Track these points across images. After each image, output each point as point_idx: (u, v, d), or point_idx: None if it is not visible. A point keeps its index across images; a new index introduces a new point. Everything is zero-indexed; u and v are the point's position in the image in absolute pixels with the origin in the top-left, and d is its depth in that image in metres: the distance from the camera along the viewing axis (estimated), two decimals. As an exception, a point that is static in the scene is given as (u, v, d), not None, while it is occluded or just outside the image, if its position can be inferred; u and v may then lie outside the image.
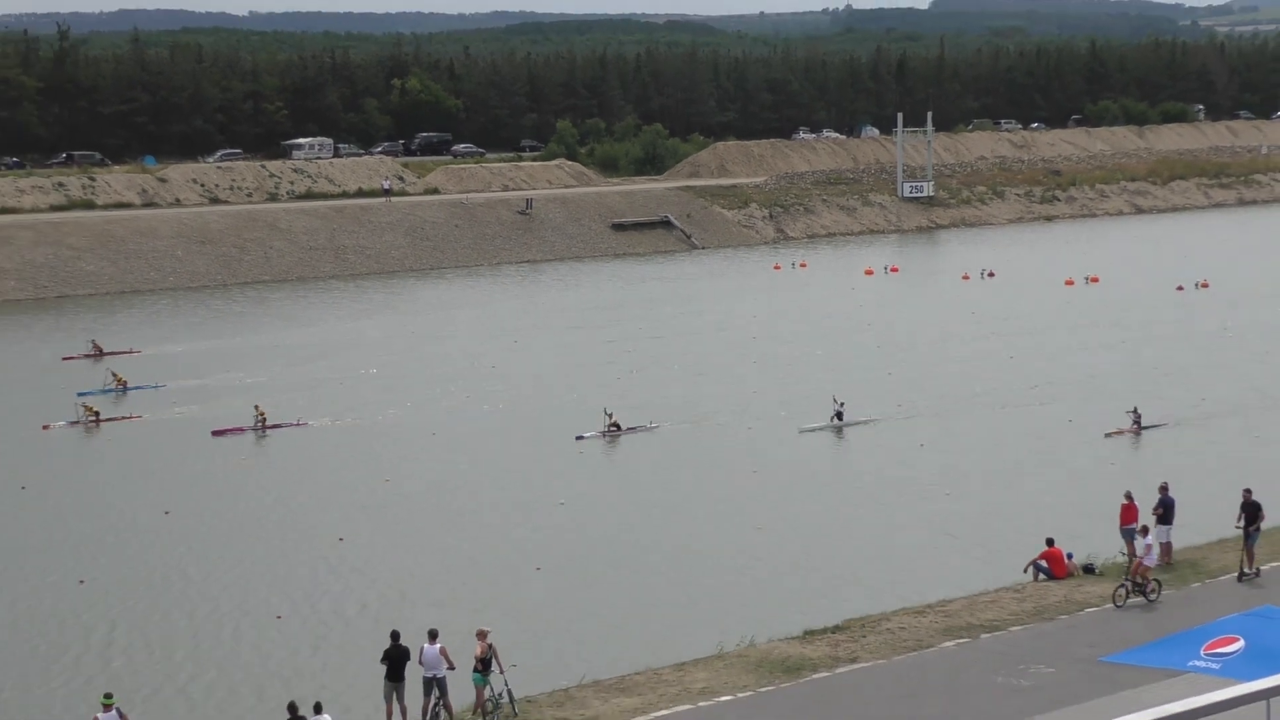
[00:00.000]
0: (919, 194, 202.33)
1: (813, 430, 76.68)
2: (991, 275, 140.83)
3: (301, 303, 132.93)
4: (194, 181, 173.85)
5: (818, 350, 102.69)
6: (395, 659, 37.05)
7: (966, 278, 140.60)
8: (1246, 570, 44.94)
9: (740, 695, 37.69)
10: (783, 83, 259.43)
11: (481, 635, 37.45)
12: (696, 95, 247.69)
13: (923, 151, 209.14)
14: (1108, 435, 74.47)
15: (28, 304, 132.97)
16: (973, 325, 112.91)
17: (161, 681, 45.49)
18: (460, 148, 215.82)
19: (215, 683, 45.43)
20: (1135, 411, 75.47)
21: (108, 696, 35.38)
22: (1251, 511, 45.12)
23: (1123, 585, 43.38)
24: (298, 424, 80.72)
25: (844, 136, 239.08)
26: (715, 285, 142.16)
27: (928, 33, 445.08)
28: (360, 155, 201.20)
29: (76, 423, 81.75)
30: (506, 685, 36.92)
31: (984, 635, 41.72)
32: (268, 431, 79.01)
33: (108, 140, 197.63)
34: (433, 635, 37.24)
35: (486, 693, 36.87)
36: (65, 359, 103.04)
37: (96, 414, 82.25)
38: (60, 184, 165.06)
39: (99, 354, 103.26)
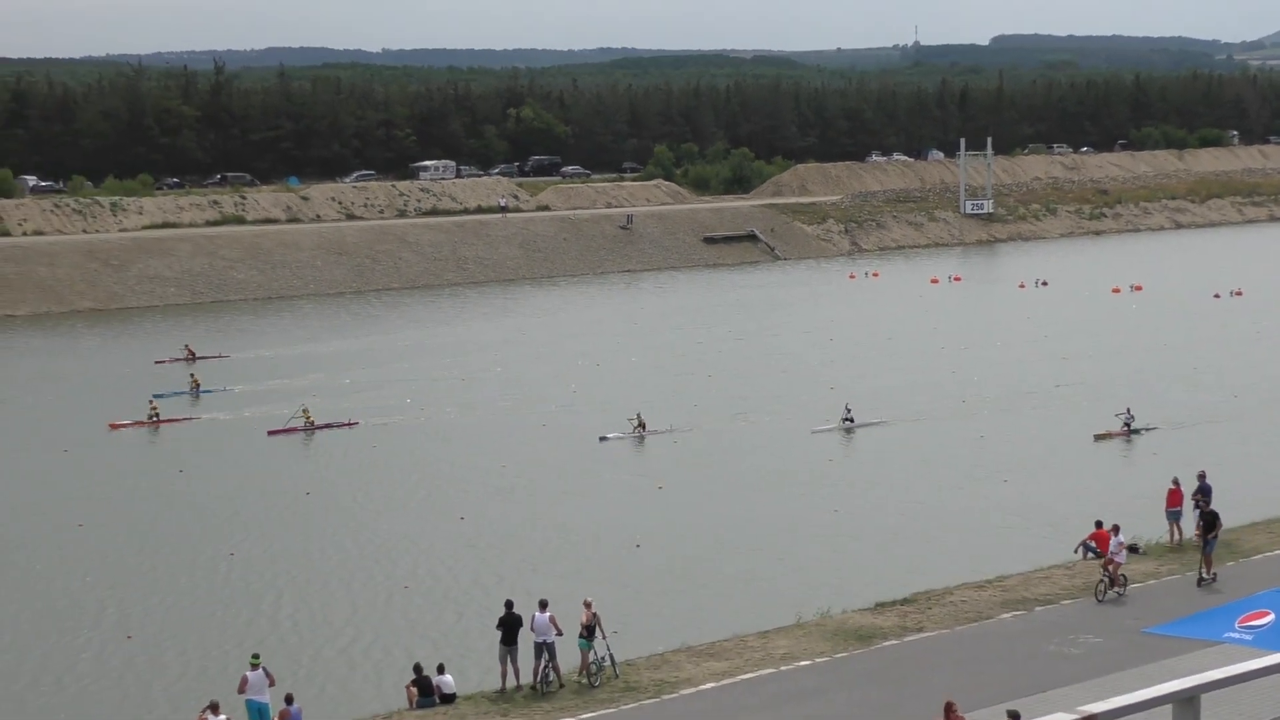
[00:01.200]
0: (979, 211, 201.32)
1: (824, 431, 74.96)
2: (1045, 284, 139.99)
3: (431, 306, 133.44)
4: (332, 199, 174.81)
5: (888, 352, 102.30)
6: (509, 625, 37.00)
7: (1023, 286, 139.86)
8: (1205, 576, 42.49)
9: (817, 660, 37.54)
10: (857, 111, 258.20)
11: (587, 604, 37.40)
12: (780, 122, 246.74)
13: (983, 173, 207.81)
14: (1097, 438, 72.26)
15: (186, 308, 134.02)
16: (1028, 329, 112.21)
17: (300, 644, 45.74)
18: (568, 169, 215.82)
19: (349, 645, 45.63)
20: (1127, 413, 73.22)
21: (255, 656, 35.56)
22: (1209, 520, 42.92)
23: (1101, 581, 41.75)
24: (348, 424, 79.09)
25: (912, 159, 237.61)
26: (796, 293, 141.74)
27: (988, 66, 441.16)
28: (479, 176, 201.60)
29: (142, 423, 79.95)
30: (609, 650, 36.87)
31: (1038, 608, 41.43)
32: (316, 431, 77.37)
33: (257, 163, 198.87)
34: (543, 604, 37.21)
35: (590, 656, 36.82)
36: (158, 362, 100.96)
37: (158, 415, 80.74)
38: (215, 202, 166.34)
39: (191, 358, 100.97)
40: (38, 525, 60.62)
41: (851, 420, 75.06)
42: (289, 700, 34.41)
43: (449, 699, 36.47)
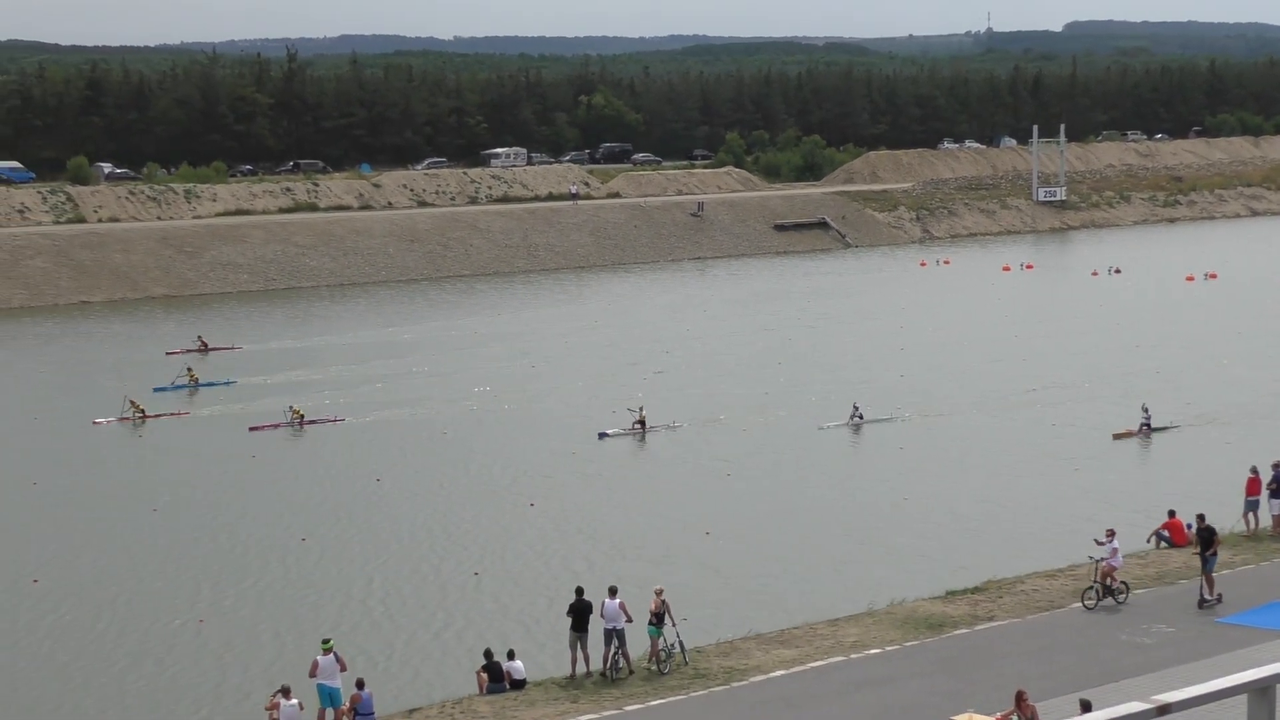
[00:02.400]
0: (1052, 198, 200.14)
1: (831, 427, 73.23)
2: (1118, 272, 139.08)
3: (504, 292, 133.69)
4: (404, 187, 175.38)
5: (959, 339, 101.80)
6: (579, 612, 37.07)
7: (1095, 274, 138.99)
8: (1207, 597, 39.79)
9: (888, 649, 37.46)
10: (929, 98, 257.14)
11: (657, 592, 37.44)
12: (851, 109, 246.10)
13: (1056, 160, 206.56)
14: (1116, 437, 69.86)
15: (259, 294, 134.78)
16: (1100, 317, 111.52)
17: (371, 629, 45.92)
18: (639, 156, 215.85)
19: (419, 631, 45.77)
20: (1145, 411, 70.51)
21: (326, 641, 35.74)
22: (1206, 536, 40.46)
23: (1092, 588, 40.10)
24: (334, 420, 77.27)
25: (984, 146, 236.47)
26: (867, 280, 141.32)
27: (1061, 52, 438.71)
28: (550, 163, 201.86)
29: (125, 419, 77.98)
30: (678, 637, 36.89)
31: (1110, 597, 41.15)
32: (305, 428, 75.47)
33: (329, 150, 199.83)
34: (613, 591, 37.26)
35: (660, 643, 36.85)
36: (169, 353, 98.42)
37: (143, 410, 78.37)
38: (288, 189, 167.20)
39: (204, 349, 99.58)
40: (106, 511, 61.17)
41: (861, 418, 73.46)
42: (360, 685, 34.58)
43: (519, 685, 36.56)
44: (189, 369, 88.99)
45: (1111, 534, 40.96)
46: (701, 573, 50.12)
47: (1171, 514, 47.45)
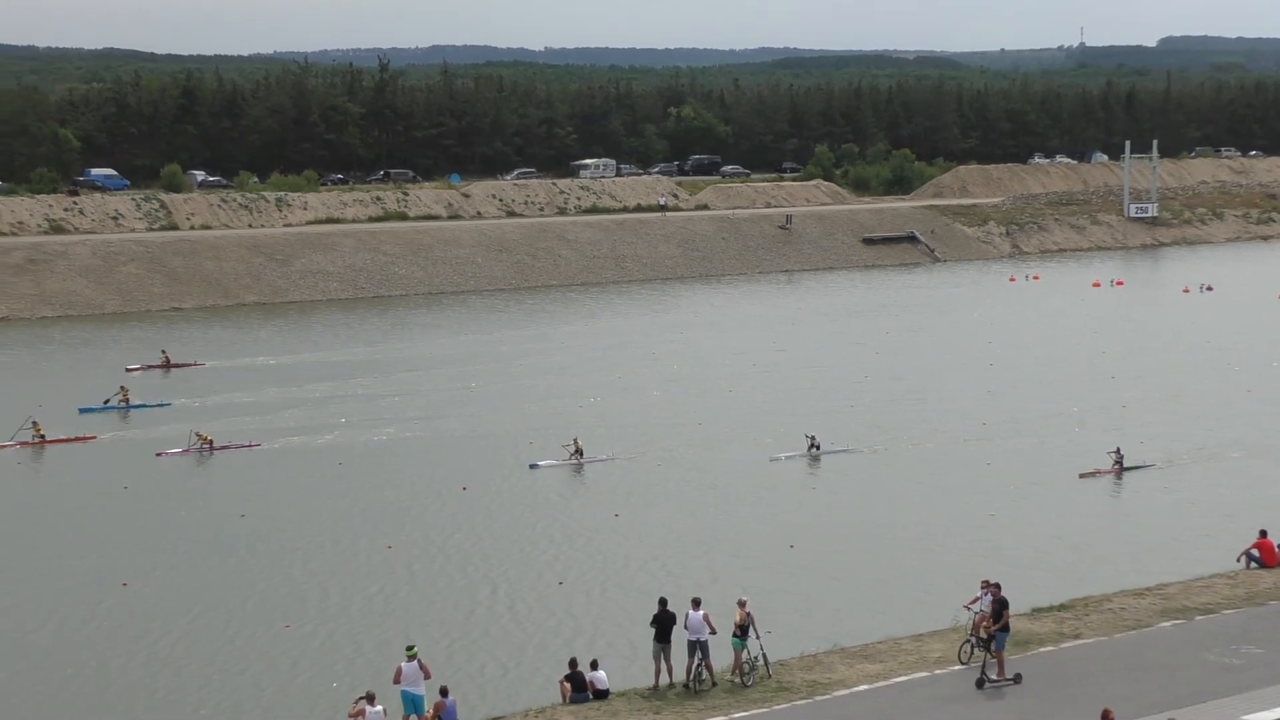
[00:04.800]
0: (1144, 214, 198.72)
1: (785, 459, 69.98)
2: (1210, 289, 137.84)
3: (599, 301, 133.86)
4: (493, 197, 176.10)
5: (1047, 356, 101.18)
6: (663, 622, 37.07)
7: (1186, 291, 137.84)
8: (994, 679, 35.62)
9: (972, 665, 37.24)
10: (1020, 112, 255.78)
11: (741, 604, 37.38)
12: (942, 123, 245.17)
13: (1148, 176, 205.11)
14: (1082, 476, 65.71)
15: (348, 302, 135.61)
16: (1191, 334, 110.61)
17: (456, 637, 46.03)
18: (728, 168, 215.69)
19: (503, 639, 45.84)
20: (1118, 452, 66.87)
21: (411, 648, 35.86)
22: (998, 608, 36.33)
23: (967, 641, 37.35)
24: (249, 445, 73.28)
25: (1075, 161, 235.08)
26: (956, 294, 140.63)
27: (1155, 68, 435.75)
28: (639, 175, 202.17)
29: (26, 444, 74.11)
30: (762, 649, 36.84)
31: (1199, 617, 40.85)
32: (214, 453, 71.61)
33: (419, 160, 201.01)
34: (696, 603, 37.24)
35: (744, 655, 36.81)
36: (129, 369, 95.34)
37: (43, 435, 74.45)
38: (378, 198, 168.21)
39: (167, 365, 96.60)
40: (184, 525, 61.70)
41: (818, 448, 70.27)
42: (444, 693, 34.71)
43: (602, 695, 36.60)
44: (122, 388, 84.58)
45: (986, 585, 37.78)
46: (786, 586, 49.98)
47: (1263, 534, 46.99)
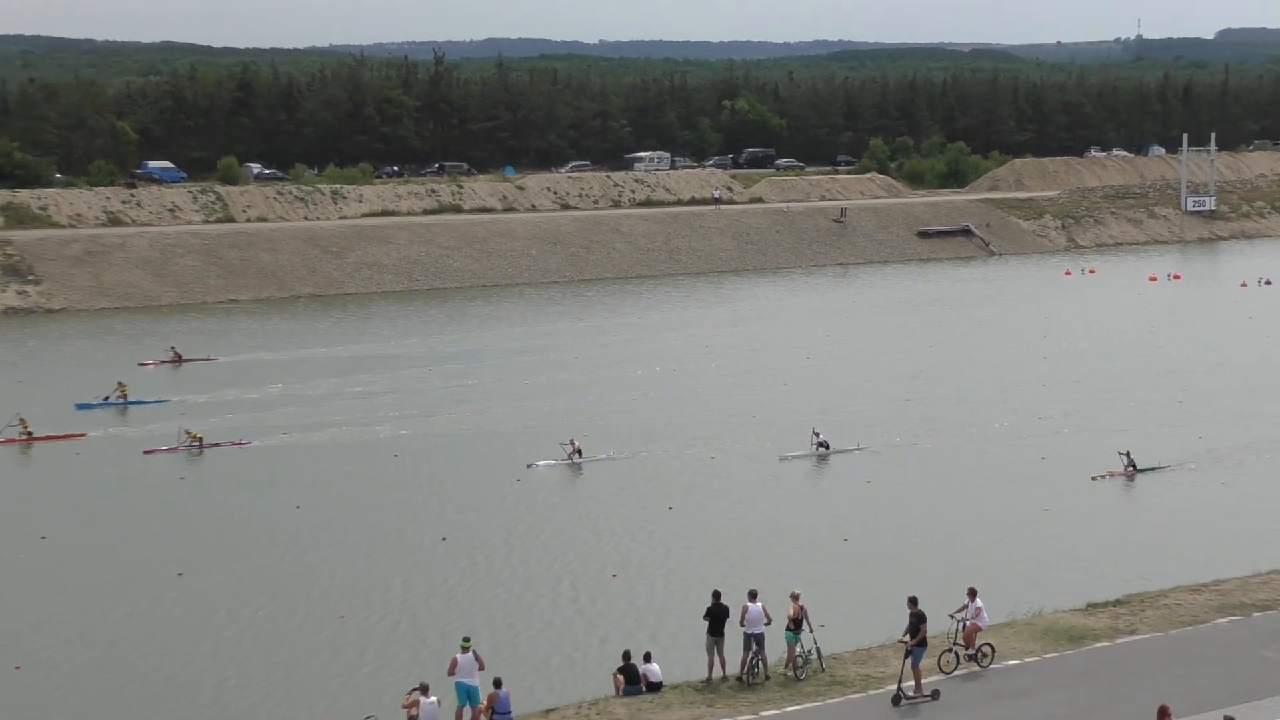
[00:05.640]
0: (1201, 208, 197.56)
1: (793, 458, 69.10)
2: (1268, 283, 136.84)
3: (654, 294, 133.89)
4: (548, 189, 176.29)
5: (1104, 348, 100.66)
6: (717, 616, 37.05)
7: (1244, 285, 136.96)
8: (910, 695, 34.77)
9: (1027, 660, 37.16)
10: (1076, 105, 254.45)
11: (794, 597, 37.34)
12: (997, 116, 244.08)
13: (1206, 169, 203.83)
14: (1094, 478, 64.36)
15: (403, 294, 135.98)
16: (1249, 328, 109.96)
17: (510, 629, 46.12)
18: (782, 161, 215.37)
19: (557, 631, 45.90)
20: (1128, 455, 65.14)
21: (466, 640, 35.93)
22: (915, 623, 35.39)
23: (951, 650, 36.79)
24: (239, 444, 72.33)
25: (1132, 155, 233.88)
26: (1011, 287, 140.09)
27: (1213, 60, 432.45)
28: (693, 168, 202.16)
29: (12, 440, 73.58)
30: (815, 643, 36.80)
31: (1256, 613, 40.62)
32: (204, 451, 70.78)
33: (474, 152, 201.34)
34: (753, 595, 37.21)
35: (797, 649, 36.78)
36: (141, 365, 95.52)
37: (30, 433, 73.90)
38: (433, 190, 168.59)
39: (178, 360, 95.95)
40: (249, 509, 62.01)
41: (826, 447, 69.39)
42: (498, 684, 34.77)
43: (655, 688, 36.61)
44: (120, 384, 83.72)
45: (973, 593, 37.46)
46: (839, 580, 49.89)
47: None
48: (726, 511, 59.97)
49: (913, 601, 35.92)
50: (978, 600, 36.98)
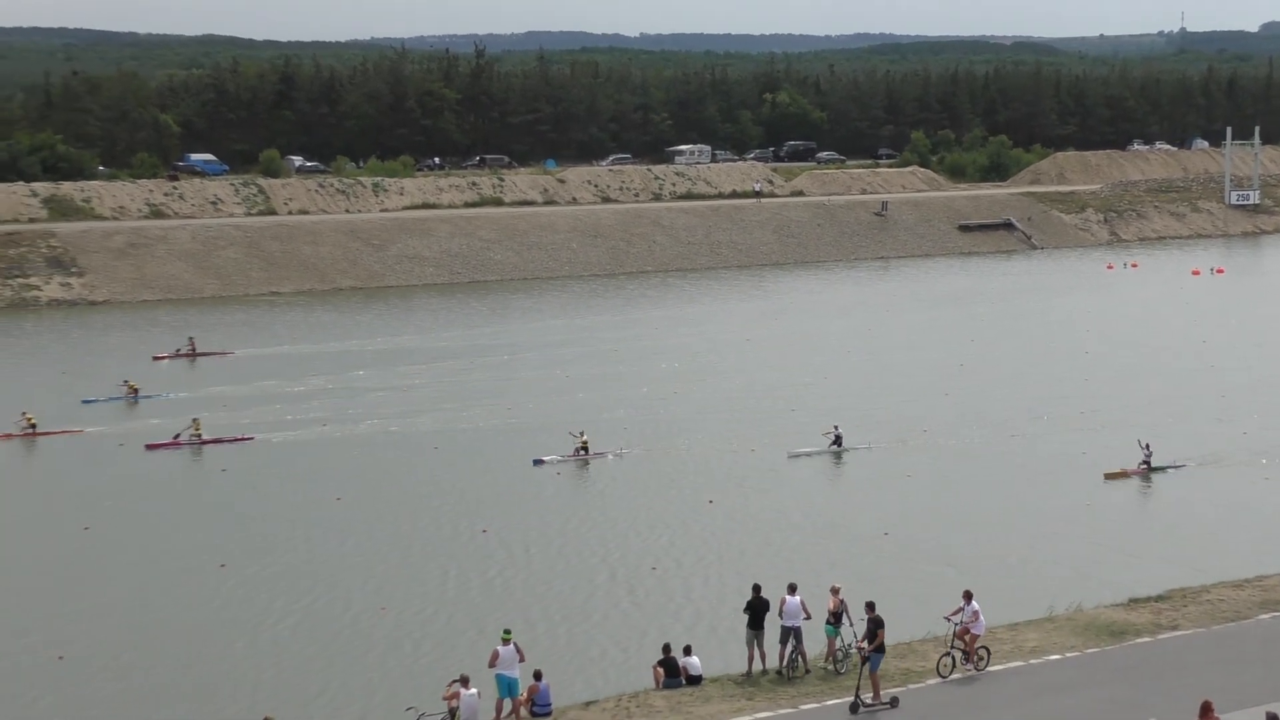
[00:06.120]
0: (1245, 202, 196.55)
1: (804, 455, 68.08)
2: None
3: (696, 287, 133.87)
4: (589, 182, 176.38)
5: (1146, 345, 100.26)
6: (757, 609, 37.01)
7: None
8: (869, 703, 33.97)
9: (1068, 655, 37.03)
10: (1119, 98, 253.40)
11: (834, 591, 37.29)
12: (1039, 110, 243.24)
13: (1250, 163, 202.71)
14: (1108, 477, 63.33)
15: (444, 287, 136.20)
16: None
17: (550, 621, 46.17)
18: (823, 155, 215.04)
19: (597, 624, 45.97)
20: (1146, 448, 64.25)
21: (506, 632, 35.97)
22: (873, 629, 34.60)
23: (948, 654, 36.01)
24: (240, 439, 71.73)
25: (1175, 148, 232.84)
26: (1052, 281, 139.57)
27: (1257, 53, 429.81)
28: (734, 161, 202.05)
29: (12, 435, 72.98)
30: (855, 636, 36.72)
31: (1299, 609, 40.39)
32: (204, 447, 70.24)
33: (515, 145, 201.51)
34: (792, 588, 37.15)
35: (837, 643, 36.74)
36: (156, 358, 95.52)
37: (34, 426, 73.21)
38: (474, 183, 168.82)
39: (194, 353, 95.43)
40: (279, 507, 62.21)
41: (839, 442, 68.72)
42: (538, 676, 34.82)
43: (695, 680, 36.61)
44: (126, 381, 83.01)
45: (969, 596, 36.68)
46: (879, 573, 49.77)
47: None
48: (766, 505, 59.91)
49: (870, 606, 35.15)
50: (974, 603, 36.26)
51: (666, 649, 37.40)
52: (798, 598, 36.64)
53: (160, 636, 45.51)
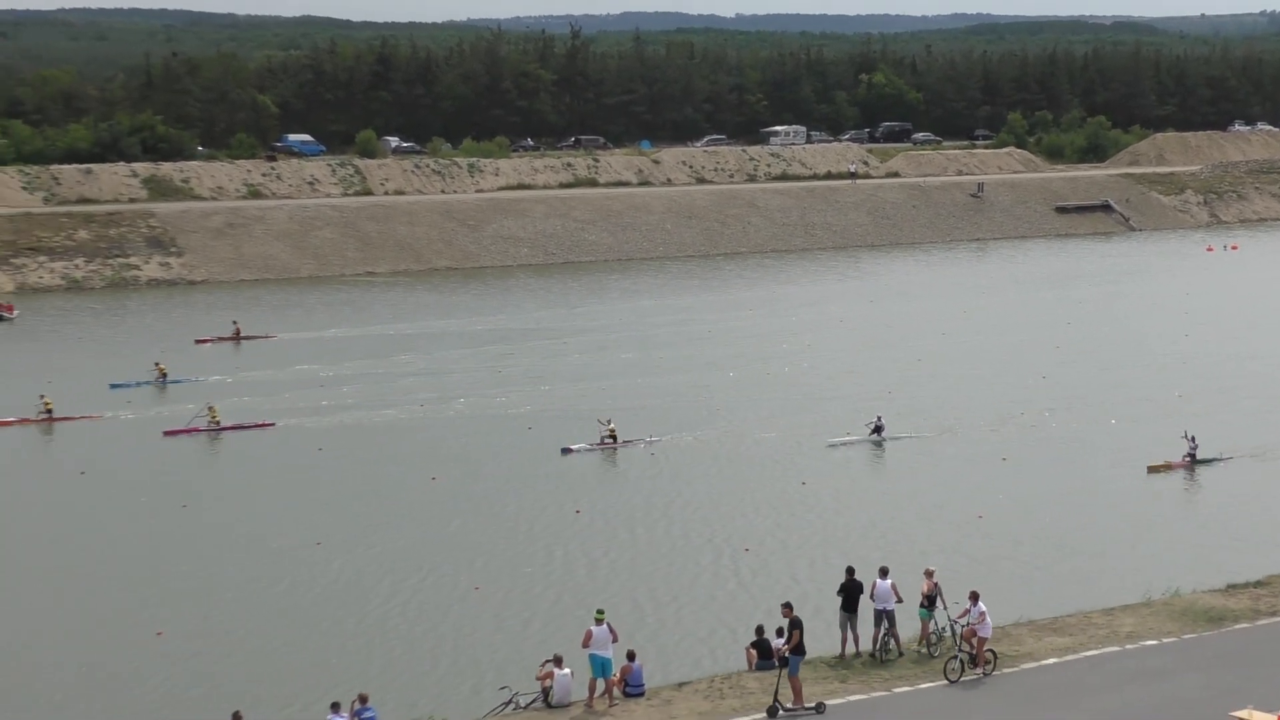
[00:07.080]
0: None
1: (842, 444, 67.14)
2: None
3: (793, 268, 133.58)
4: (683, 163, 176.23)
5: (1244, 328, 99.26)
6: (850, 592, 36.91)
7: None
8: (788, 707, 32.95)
9: (1164, 640, 36.76)
10: (1220, 79, 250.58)
11: (928, 574, 37.18)
12: (1138, 90, 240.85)
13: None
14: (1151, 469, 61.85)
15: (539, 268, 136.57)
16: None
17: (644, 601, 46.28)
18: (919, 136, 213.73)
19: (691, 605, 46.04)
20: (1191, 440, 62.78)
21: (600, 612, 36.04)
22: (790, 629, 33.57)
23: (955, 657, 34.88)
24: (261, 425, 71.11)
25: (1277, 129, 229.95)
26: (1151, 265, 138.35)
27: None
28: (829, 142, 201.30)
29: (29, 420, 72.34)
30: (949, 620, 36.58)
31: (1401, 596, 39.91)
32: (222, 433, 69.60)
33: (610, 126, 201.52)
34: (884, 572, 37.05)
35: (930, 626, 36.62)
36: (199, 341, 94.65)
37: (50, 412, 72.25)
38: (569, 164, 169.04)
39: (238, 337, 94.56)
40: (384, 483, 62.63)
41: (880, 431, 67.63)
42: (631, 657, 34.89)
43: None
44: (157, 364, 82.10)
45: (975, 597, 35.57)
46: (974, 556, 49.61)
47: None
48: (860, 487, 59.84)
49: (788, 608, 34.58)
50: (980, 604, 35.42)
51: (759, 631, 37.38)
52: (889, 581, 36.52)
53: (259, 615, 45.97)
